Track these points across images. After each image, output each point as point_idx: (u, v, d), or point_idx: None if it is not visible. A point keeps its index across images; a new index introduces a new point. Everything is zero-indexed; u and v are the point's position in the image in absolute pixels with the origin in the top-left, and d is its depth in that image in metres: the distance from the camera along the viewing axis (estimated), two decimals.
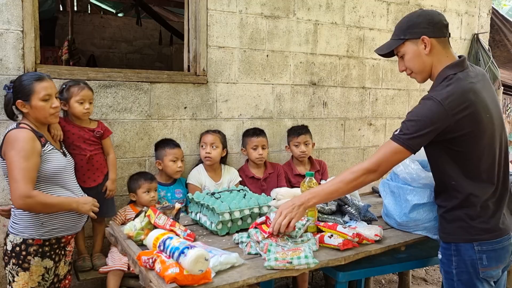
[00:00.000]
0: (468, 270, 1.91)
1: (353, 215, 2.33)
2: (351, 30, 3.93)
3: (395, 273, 3.96)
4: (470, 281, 1.91)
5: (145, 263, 1.70)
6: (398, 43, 1.98)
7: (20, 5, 2.63)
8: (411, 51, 1.95)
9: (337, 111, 3.94)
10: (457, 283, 1.94)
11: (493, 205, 1.92)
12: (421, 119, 1.83)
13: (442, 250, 2.01)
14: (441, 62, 1.93)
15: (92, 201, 2.32)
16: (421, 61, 1.95)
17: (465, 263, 1.91)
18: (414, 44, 1.93)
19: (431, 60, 1.94)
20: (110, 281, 2.64)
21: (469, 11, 4.64)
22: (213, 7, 3.26)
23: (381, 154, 1.91)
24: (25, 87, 2.18)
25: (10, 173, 2.12)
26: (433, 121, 1.80)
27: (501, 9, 12.25)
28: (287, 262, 1.79)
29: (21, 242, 2.20)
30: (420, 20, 1.93)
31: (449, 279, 1.97)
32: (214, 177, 3.17)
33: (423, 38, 1.90)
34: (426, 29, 1.91)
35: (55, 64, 6.81)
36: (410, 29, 1.94)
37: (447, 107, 1.79)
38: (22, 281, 2.21)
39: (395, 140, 1.86)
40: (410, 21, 1.96)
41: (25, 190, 2.08)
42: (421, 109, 1.85)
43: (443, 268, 2.01)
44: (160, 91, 3.13)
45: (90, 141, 2.64)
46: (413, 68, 1.99)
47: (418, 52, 1.93)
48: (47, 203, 2.16)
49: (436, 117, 1.80)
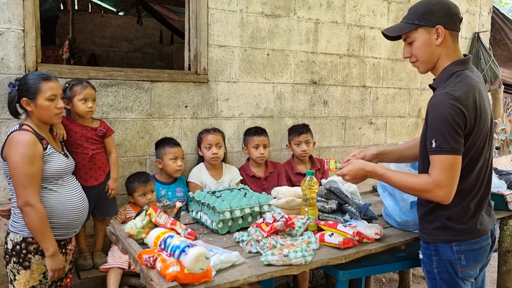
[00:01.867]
0: (448, 270, 1.92)
1: (354, 214, 2.33)
2: (352, 29, 3.93)
3: (396, 272, 3.96)
4: (451, 280, 1.93)
5: (146, 262, 1.71)
6: (411, 27, 1.89)
7: (21, 4, 2.63)
8: (422, 39, 1.88)
9: (337, 110, 3.94)
10: (440, 282, 1.95)
11: (473, 206, 1.91)
12: (449, 118, 1.75)
13: (422, 250, 2.03)
14: (448, 56, 1.90)
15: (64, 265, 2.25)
16: (430, 51, 1.89)
17: (444, 263, 1.92)
18: (427, 32, 1.86)
19: (439, 51, 1.89)
20: (110, 279, 2.65)
21: (470, 10, 4.64)
22: (214, 6, 3.26)
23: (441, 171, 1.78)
24: (31, 86, 2.20)
25: (15, 177, 2.13)
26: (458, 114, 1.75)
27: (502, 7, 12.23)
28: (283, 255, 1.80)
29: (21, 240, 2.21)
30: (438, 8, 1.86)
31: (431, 278, 1.99)
32: (215, 176, 3.17)
33: (438, 27, 1.84)
34: (442, 19, 1.84)
35: (56, 63, 6.81)
36: (426, 15, 1.86)
37: (464, 103, 1.76)
38: (23, 280, 2.22)
39: (441, 152, 1.77)
40: (427, 7, 1.87)
41: (33, 200, 2.11)
42: (443, 108, 1.77)
43: (425, 268, 2.02)
44: (161, 90, 3.13)
45: (92, 140, 2.64)
46: (419, 57, 1.93)
47: (430, 41, 1.87)
48: (41, 224, 2.14)
49: (459, 110, 1.75)
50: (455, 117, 1.75)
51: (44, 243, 2.18)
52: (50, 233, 2.18)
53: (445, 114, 1.76)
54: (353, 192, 2.55)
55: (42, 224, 2.15)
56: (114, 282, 2.64)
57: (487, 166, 1.95)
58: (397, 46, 4.20)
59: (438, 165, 1.79)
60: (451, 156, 1.77)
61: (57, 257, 2.21)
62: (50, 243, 2.18)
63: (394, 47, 4.18)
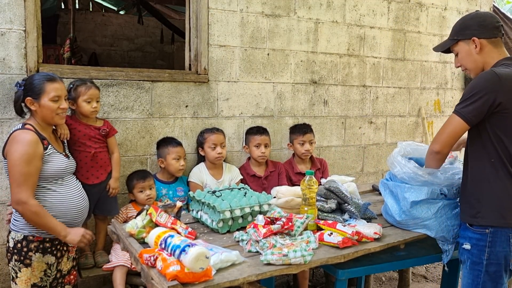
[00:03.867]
0: (499, 262, 2.00)
1: (353, 213, 2.35)
2: (352, 29, 3.94)
3: (396, 271, 3.98)
4: (497, 273, 2.02)
5: (147, 261, 1.72)
6: (451, 42, 2.18)
7: (23, 5, 2.65)
8: (464, 50, 2.13)
9: (337, 109, 3.95)
10: (484, 274, 2.03)
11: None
12: (478, 88, 1.95)
13: (474, 241, 2.06)
14: (494, 59, 2.07)
15: (83, 231, 2.29)
16: (473, 59, 2.11)
17: (497, 255, 2.00)
18: (466, 44, 2.11)
19: (482, 58, 2.09)
20: (116, 277, 2.66)
21: (470, 9, 4.64)
22: (214, 6, 3.27)
23: (441, 129, 2.08)
24: (36, 86, 2.23)
25: (11, 174, 2.17)
26: (491, 89, 1.93)
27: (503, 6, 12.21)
28: (283, 255, 1.81)
29: (22, 238, 2.23)
30: (472, 22, 2.10)
31: (475, 270, 2.06)
32: (215, 176, 3.19)
33: (473, 39, 2.07)
34: (476, 30, 2.07)
35: (57, 62, 6.83)
36: (462, 30, 2.13)
37: (503, 80, 1.92)
38: (24, 277, 2.24)
39: (454, 112, 2.02)
40: (463, 23, 2.15)
41: (25, 197, 2.13)
42: (479, 79, 1.99)
43: (470, 259, 2.08)
44: (161, 89, 3.15)
45: (95, 139, 2.66)
46: (466, 65, 2.16)
47: (470, 51, 2.10)
48: (39, 218, 2.17)
49: (495, 85, 1.93)
50: (487, 91, 1.93)
51: (52, 232, 2.22)
52: (52, 221, 2.21)
53: (478, 84, 1.98)
54: (352, 192, 2.56)
55: (40, 217, 2.17)
56: (120, 281, 2.65)
57: None
58: (397, 46, 4.21)
59: (446, 121, 2.07)
60: (459, 119, 1.99)
61: (71, 234, 2.24)
62: (58, 228, 2.22)
63: (394, 46, 4.19)
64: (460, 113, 1.98)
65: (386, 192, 2.46)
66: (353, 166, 4.11)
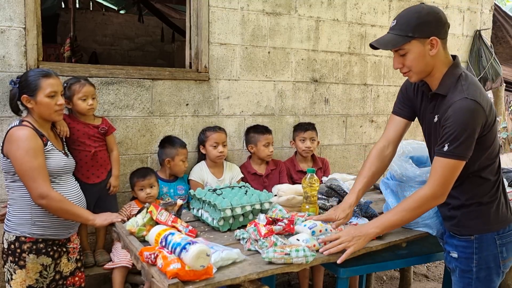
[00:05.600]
0: (489, 266, 1.93)
1: (354, 212, 2.34)
2: (353, 27, 3.92)
3: (397, 270, 3.97)
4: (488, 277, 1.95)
5: (147, 259, 1.72)
6: (405, 40, 1.84)
7: (23, 2, 2.64)
8: (417, 51, 1.84)
9: (338, 108, 3.94)
10: (475, 281, 1.95)
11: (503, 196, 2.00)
12: (469, 126, 1.77)
13: (460, 249, 1.99)
14: (443, 63, 1.90)
15: (108, 214, 2.31)
16: (425, 62, 1.86)
17: (486, 259, 1.93)
18: (421, 43, 1.83)
19: (433, 61, 1.87)
20: (116, 278, 2.65)
21: (471, 8, 4.63)
22: (215, 4, 3.26)
23: (441, 177, 1.83)
24: (31, 83, 2.19)
25: (22, 173, 2.12)
26: (478, 123, 1.79)
27: (504, 5, 12.20)
28: (285, 254, 1.80)
29: (14, 239, 2.19)
30: (430, 18, 1.82)
31: (465, 277, 1.98)
32: (216, 174, 3.18)
33: (432, 39, 1.82)
34: (436, 29, 1.82)
35: (58, 61, 6.83)
36: (420, 27, 1.82)
37: (485, 107, 1.79)
38: (19, 279, 2.19)
39: (450, 157, 1.80)
40: (419, 17, 1.83)
41: (46, 189, 2.13)
42: (465, 115, 1.77)
43: (459, 267, 1.99)
44: (162, 88, 3.14)
45: (94, 138, 2.65)
46: (413, 68, 1.90)
47: (424, 53, 1.84)
48: (66, 207, 2.19)
49: (480, 119, 1.79)
50: (475, 126, 1.78)
51: (80, 219, 2.27)
52: (78, 209, 2.25)
53: (467, 122, 1.77)
54: None
55: (66, 206, 2.19)
56: (120, 281, 2.65)
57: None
58: None
59: (440, 169, 1.83)
60: (458, 161, 1.81)
61: (98, 219, 2.27)
62: (85, 216, 2.26)
63: None
64: (458, 155, 1.79)
65: (387, 191, 2.45)
66: (354, 164, 4.10)
